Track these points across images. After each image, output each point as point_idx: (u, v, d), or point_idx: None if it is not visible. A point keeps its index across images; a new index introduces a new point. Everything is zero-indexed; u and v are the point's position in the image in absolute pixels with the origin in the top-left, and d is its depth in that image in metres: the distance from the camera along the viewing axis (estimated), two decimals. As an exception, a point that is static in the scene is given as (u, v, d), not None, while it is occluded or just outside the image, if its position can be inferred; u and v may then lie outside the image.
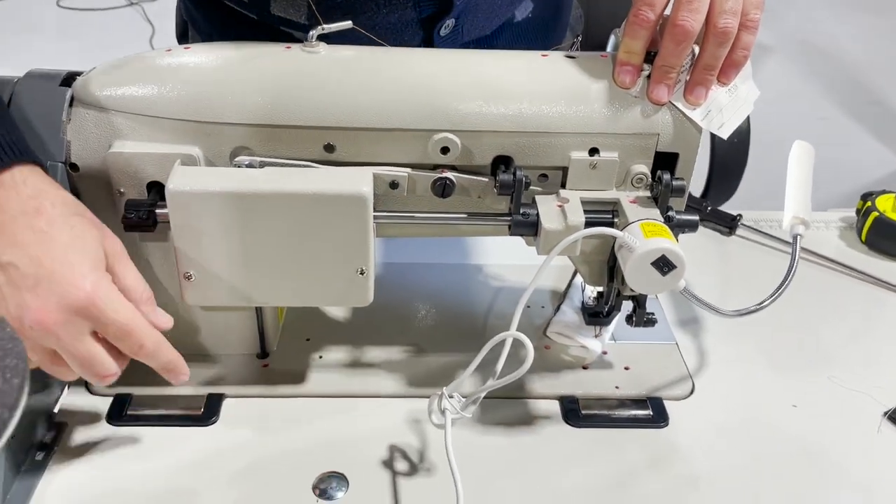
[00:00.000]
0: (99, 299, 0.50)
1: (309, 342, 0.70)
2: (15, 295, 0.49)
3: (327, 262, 0.58)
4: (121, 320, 0.51)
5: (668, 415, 0.65)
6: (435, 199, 0.60)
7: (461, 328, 0.73)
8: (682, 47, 0.56)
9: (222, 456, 0.60)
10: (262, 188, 0.55)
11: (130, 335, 0.52)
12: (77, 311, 0.49)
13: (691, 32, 0.55)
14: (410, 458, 0.60)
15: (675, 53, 0.56)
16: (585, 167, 0.59)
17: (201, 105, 0.57)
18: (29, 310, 0.48)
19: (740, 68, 0.58)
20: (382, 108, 0.57)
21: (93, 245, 0.51)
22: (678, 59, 0.57)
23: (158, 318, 0.56)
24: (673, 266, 0.54)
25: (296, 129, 0.57)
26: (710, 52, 0.57)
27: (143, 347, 0.53)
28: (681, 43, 0.56)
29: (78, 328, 0.50)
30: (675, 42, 0.56)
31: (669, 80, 0.58)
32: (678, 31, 0.55)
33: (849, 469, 0.61)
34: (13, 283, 0.48)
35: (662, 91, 0.58)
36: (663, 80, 0.58)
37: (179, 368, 0.57)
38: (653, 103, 0.58)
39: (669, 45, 0.56)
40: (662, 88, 0.58)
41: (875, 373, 0.70)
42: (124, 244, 0.54)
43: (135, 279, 0.54)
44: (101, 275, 0.51)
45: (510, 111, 0.58)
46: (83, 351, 0.51)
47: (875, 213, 0.86)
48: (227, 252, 0.57)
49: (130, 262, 0.55)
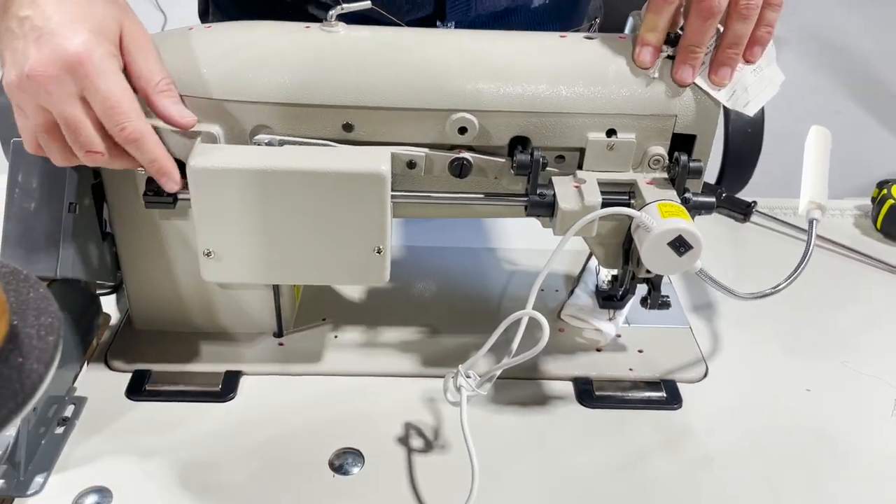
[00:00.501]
0: (89, 60, 0.50)
1: (325, 322, 0.71)
2: (23, 47, 0.50)
3: (345, 240, 0.58)
4: (105, 90, 0.51)
5: (682, 397, 0.65)
6: (452, 179, 0.61)
7: (476, 310, 0.73)
8: (709, 24, 0.56)
9: (240, 431, 0.61)
10: (281, 166, 0.55)
11: (114, 110, 0.51)
12: (67, 68, 0.50)
13: (718, 9, 0.55)
14: (425, 435, 0.61)
15: (702, 31, 0.56)
16: (602, 148, 0.60)
17: (222, 84, 0.57)
18: (28, 60, 0.50)
19: (765, 46, 0.58)
20: (400, 87, 0.58)
21: (103, 16, 0.52)
22: (704, 37, 0.56)
23: (176, 112, 0.55)
24: (690, 246, 0.54)
25: (315, 108, 0.58)
26: (735, 29, 0.56)
27: (125, 130, 0.52)
28: (707, 20, 0.55)
29: (67, 88, 0.50)
30: (702, 19, 0.55)
31: (695, 60, 0.57)
32: (704, 8, 0.55)
33: (861, 453, 0.61)
34: (25, 35, 0.50)
35: (688, 72, 0.57)
36: (688, 61, 0.57)
37: (169, 172, 0.55)
38: (678, 85, 0.58)
39: (695, 22, 0.56)
40: (688, 69, 0.57)
41: (889, 358, 0.70)
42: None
43: (153, 67, 0.54)
44: (99, 41, 0.51)
45: (527, 91, 0.58)
46: (70, 113, 0.51)
47: (891, 200, 0.86)
48: (247, 229, 0.57)
49: (154, 53, 0.55)
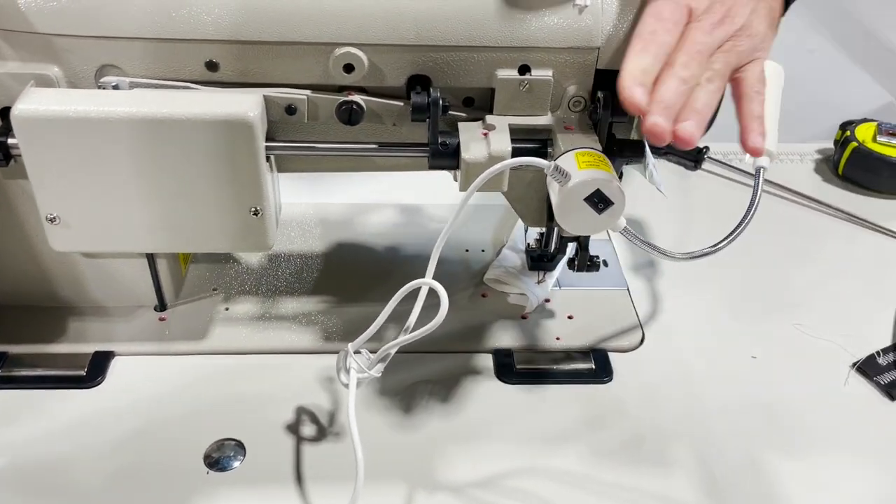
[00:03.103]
0: None
1: (215, 293, 0.62)
2: None
3: (214, 201, 0.50)
4: None
5: (613, 368, 0.58)
6: (342, 126, 0.52)
7: (387, 276, 0.65)
8: None
9: (104, 422, 0.53)
10: (128, 113, 0.46)
11: None
12: None
13: None
14: (319, 421, 0.54)
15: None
16: (515, 88, 0.51)
17: (56, 14, 0.48)
18: None
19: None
20: (272, 17, 0.48)
21: None
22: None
23: None
24: (610, 202, 0.47)
25: (171, 42, 0.48)
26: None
27: None
28: None
29: None
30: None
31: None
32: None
33: (810, 426, 0.55)
34: None
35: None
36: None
37: None
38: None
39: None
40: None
41: (845, 320, 0.63)
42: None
43: None
44: None
45: (423, 21, 0.49)
46: None
47: (854, 143, 0.78)
48: (94, 190, 0.49)
49: None
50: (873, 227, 0.74)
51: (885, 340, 0.62)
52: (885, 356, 0.60)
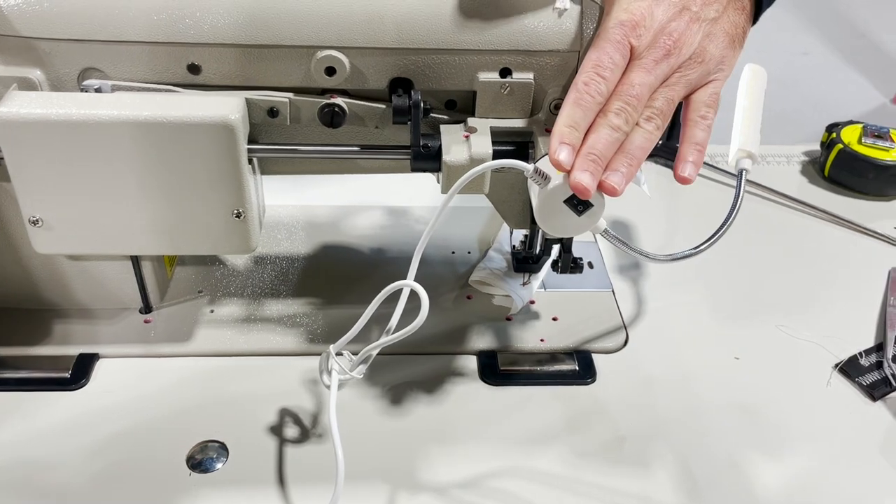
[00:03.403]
0: None
1: (201, 295, 0.63)
2: None
3: (197, 204, 0.50)
4: None
5: (597, 370, 0.59)
6: (325, 129, 0.52)
7: (372, 278, 0.65)
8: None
9: (87, 424, 0.53)
10: (106, 116, 0.47)
11: None
12: None
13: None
14: (302, 422, 0.54)
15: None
16: (496, 91, 0.51)
17: (39, 19, 0.48)
18: None
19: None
20: (254, 20, 0.49)
21: None
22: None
23: None
24: (589, 204, 0.47)
25: (152, 45, 0.49)
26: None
27: None
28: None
29: None
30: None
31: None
32: None
33: (792, 426, 0.55)
34: None
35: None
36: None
37: None
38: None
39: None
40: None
41: (828, 321, 0.64)
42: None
43: None
44: None
45: (404, 24, 0.49)
46: None
47: (839, 145, 0.79)
48: (77, 193, 0.49)
49: None
50: (858, 228, 0.74)
51: (867, 341, 0.62)
52: (867, 357, 0.60)
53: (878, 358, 0.60)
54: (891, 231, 0.74)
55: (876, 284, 0.68)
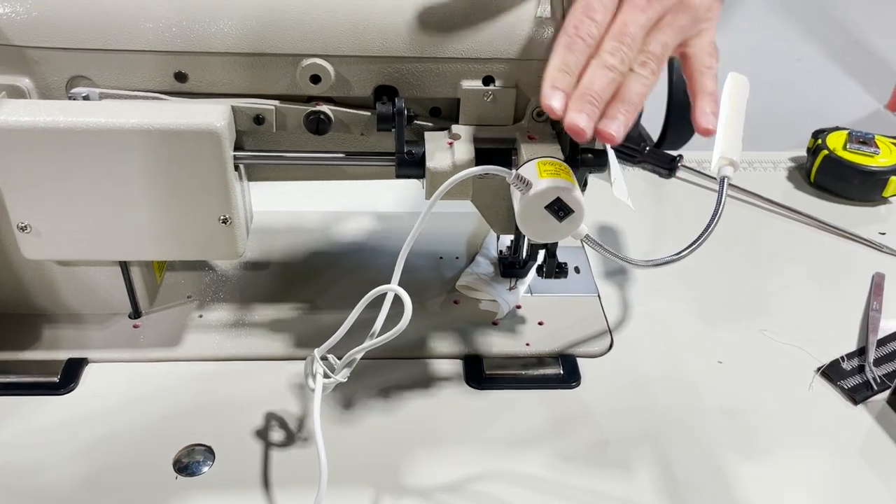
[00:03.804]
0: None
1: (189, 300, 0.63)
2: None
3: (183, 210, 0.51)
4: None
5: (581, 374, 0.59)
6: (311, 136, 0.53)
7: (358, 283, 0.65)
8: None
9: (75, 428, 0.53)
10: (95, 123, 0.47)
11: None
12: None
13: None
14: (288, 426, 0.54)
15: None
16: (479, 98, 0.52)
17: (27, 27, 0.48)
18: None
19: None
20: (239, 29, 0.49)
21: None
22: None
23: None
24: (570, 210, 0.47)
25: (139, 53, 0.49)
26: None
27: None
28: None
29: None
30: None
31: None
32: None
33: (774, 430, 0.56)
34: None
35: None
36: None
37: None
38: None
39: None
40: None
41: (811, 325, 0.64)
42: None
43: None
44: None
45: (388, 33, 0.50)
46: None
47: (825, 151, 0.79)
48: (65, 199, 0.50)
49: None
50: (843, 233, 0.75)
51: (850, 346, 0.62)
52: (849, 361, 0.61)
53: (860, 362, 0.60)
54: (875, 236, 0.74)
55: (860, 289, 0.68)
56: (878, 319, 0.64)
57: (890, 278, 0.69)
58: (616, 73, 0.43)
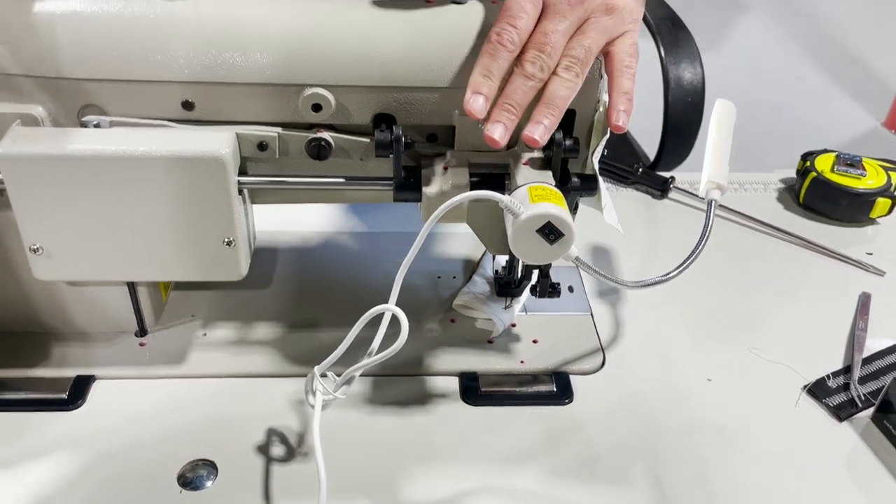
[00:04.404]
0: None
1: (194, 319, 0.65)
2: None
3: (189, 232, 0.53)
4: None
5: (574, 391, 0.61)
6: (312, 161, 0.55)
7: (358, 302, 0.67)
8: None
9: (83, 443, 0.55)
10: (105, 151, 0.49)
11: None
12: None
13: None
14: (289, 442, 0.56)
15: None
16: (474, 125, 0.54)
17: (41, 58, 0.51)
18: None
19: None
20: (243, 60, 0.52)
21: None
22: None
23: None
24: (560, 234, 0.49)
25: (148, 83, 0.52)
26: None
27: None
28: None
29: None
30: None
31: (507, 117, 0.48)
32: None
33: (760, 445, 0.57)
34: None
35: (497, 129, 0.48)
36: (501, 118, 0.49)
37: None
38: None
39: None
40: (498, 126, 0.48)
41: (798, 343, 0.66)
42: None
43: None
44: None
45: (386, 64, 0.52)
46: None
47: (813, 173, 0.81)
48: (75, 222, 0.52)
49: None
50: (831, 253, 0.77)
51: (836, 364, 0.64)
52: (835, 379, 0.62)
53: (846, 380, 0.62)
54: (863, 256, 0.76)
55: (846, 308, 0.70)
56: (863, 338, 0.66)
57: (876, 298, 0.71)
58: (536, 80, 0.46)
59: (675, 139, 1.26)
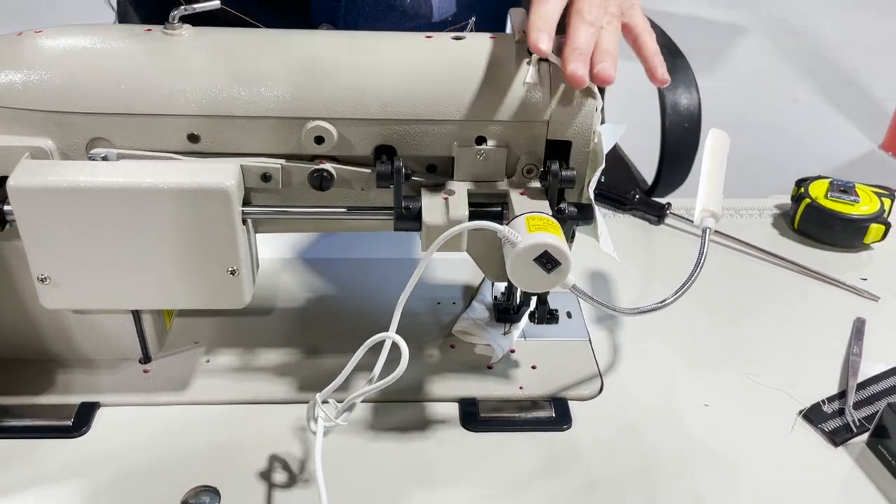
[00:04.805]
0: None
1: (197, 346, 0.66)
2: None
3: (194, 262, 0.54)
4: None
5: (572, 416, 0.62)
6: (314, 191, 0.56)
7: (359, 328, 0.68)
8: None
9: (86, 470, 0.56)
10: (112, 183, 0.51)
11: None
12: None
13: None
14: (291, 468, 0.57)
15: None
16: (472, 157, 0.56)
17: (50, 93, 0.52)
18: None
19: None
20: (248, 94, 0.53)
21: None
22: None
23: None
24: (557, 263, 0.51)
25: (155, 117, 0.53)
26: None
27: None
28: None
29: None
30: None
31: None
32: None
33: (756, 470, 0.58)
34: None
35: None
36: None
37: None
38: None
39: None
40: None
41: (794, 368, 0.67)
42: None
43: None
44: None
45: (387, 98, 0.54)
46: None
47: (807, 199, 0.83)
48: (83, 253, 0.53)
49: None
50: (825, 279, 0.78)
51: (831, 389, 0.65)
52: (830, 404, 0.63)
53: (841, 405, 0.63)
54: (857, 282, 0.77)
55: (841, 333, 0.71)
56: (858, 364, 0.67)
57: (871, 323, 0.72)
58: (594, 28, 0.53)
59: (673, 164, 1.27)
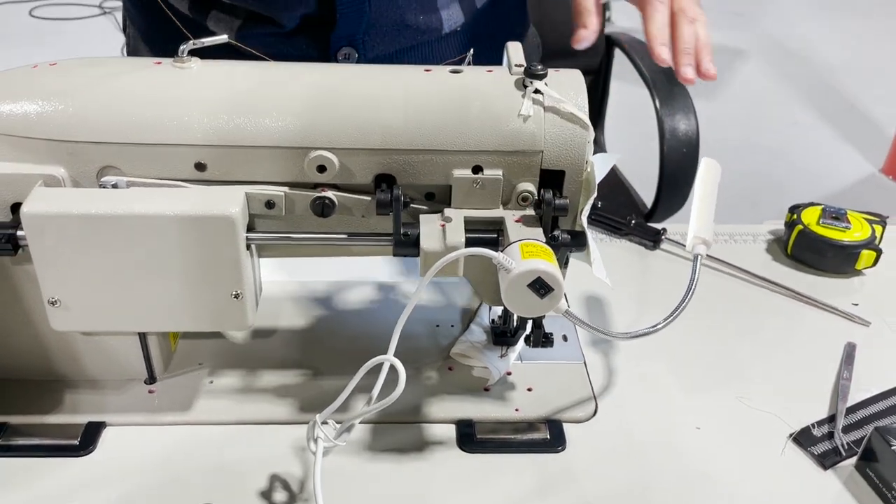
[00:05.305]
0: None
1: (201, 367, 0.68)
2: None
3: (200, 286, 0.56)
4: None
5: (567, 438, 0.63)
6: (316, 218, 0.58)
7: (360, 351, 0.70)
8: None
9: (94, 488, 0.57)
10: (122, 210, 0.53)
11: None
12: None
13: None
14: (291, 488, 0.58)
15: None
16: (469, 185, 0.57)
17: (63, 123, 0.54)
18: None
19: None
20: (253, 124, 0.55)
21: None
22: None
23: None
24: (550, 288, 0.52)
25: (163, 146, 0.55)
26: None
27: None
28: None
29: None
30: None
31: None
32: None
33: (746, 493, 0.59)
34: None
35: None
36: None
37: None
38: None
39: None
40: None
41: (785, 392, 0.68)
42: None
43: None
44: None
45: (387, 129, 0.56)
46: None
47: (800, 226, 0.84)
48: (93, 277, 0.55)
49: None
50: (817, 304, 0.79)
51: (821, 413, 0.66)
52: (819, 428, 0.64)
53: (830, 429, 0.64)
54: (848, 307, 0.79)
55: (832, 357, 0.72)
56: (848, 388, 0.68)
57: (861, 348, 0.73)
58: (693, 25, 0.62)
59: (671, 188, 1.30)
